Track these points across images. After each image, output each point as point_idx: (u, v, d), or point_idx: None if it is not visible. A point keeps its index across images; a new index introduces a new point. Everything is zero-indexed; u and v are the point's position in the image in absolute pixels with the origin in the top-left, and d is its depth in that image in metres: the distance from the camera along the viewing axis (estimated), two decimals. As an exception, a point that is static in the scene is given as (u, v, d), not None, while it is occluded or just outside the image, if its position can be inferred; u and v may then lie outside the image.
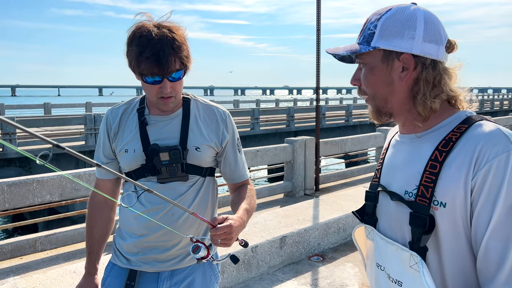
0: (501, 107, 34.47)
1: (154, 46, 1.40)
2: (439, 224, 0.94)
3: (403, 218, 1.01)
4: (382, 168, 1.14)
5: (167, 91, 1.47)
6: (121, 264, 1.62)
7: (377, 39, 1.01)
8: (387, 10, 1.02)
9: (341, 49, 1.07)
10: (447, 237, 0.94)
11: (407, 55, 0.99)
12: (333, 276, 3.95)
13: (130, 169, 1.58)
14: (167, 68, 1.42)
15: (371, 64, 1.04)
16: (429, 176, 0.96)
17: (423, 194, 0.96)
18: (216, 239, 1.33)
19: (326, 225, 4.58)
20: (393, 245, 1.02)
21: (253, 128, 19.03)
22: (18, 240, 4.58)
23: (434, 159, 0.96)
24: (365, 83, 1.07)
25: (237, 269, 3.72)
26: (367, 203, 1.16)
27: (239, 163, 1.71)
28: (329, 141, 8.39)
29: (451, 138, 0.96)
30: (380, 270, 1.08)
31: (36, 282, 3.04)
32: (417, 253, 0.95)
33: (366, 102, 1.10)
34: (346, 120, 23.30)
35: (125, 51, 1.51)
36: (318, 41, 7.42)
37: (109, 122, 1.63)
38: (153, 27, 1.44)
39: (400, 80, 1.01)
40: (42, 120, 15.69)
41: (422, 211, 0.95)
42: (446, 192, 0.93)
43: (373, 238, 1.12)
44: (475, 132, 0.94)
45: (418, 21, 0.98)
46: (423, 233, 0.94)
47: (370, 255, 1.16)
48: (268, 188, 7.31)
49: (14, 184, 4.40)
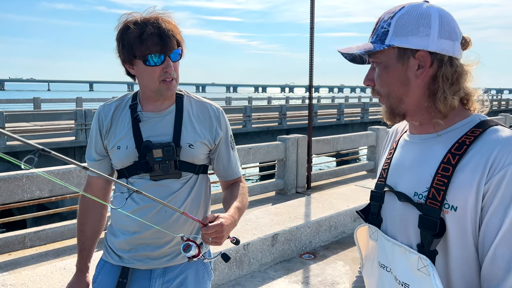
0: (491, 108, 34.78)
1: (152, 25, 1.43)
2: (449, 227, 0.93)
3: (410, 220, 0.99)
4: (389, 168, 1.12)
5: (171, 69, 1.48)
6: (113, 261, 1.60)
7: (392, 37, 0.99)
8: (400, 8, 1.01)
9: (354, 48, 1.05)
10: (456, 241, 0.93)
11: (423, 52, 0.97)
12: (324, 274, 3.97)
13: (122, 166, 1.56)
14: (169, 44, 1.44)
15: (385, 63, 1.02)
16: (441, 179, 0.94)
17: (434, 197, 0.94)
18: (207, 237, 1.33)
19: (317, 223, 4.59)
20: (400, 247, 1.01)
21: (245, 125, 19.01)
22: (6, 236, 4.53)
23: (447, 162, 0.95)
24: (379, 82, 1.04)
25: (229, 266, 3.71)
26: (372, 203, 1.14)
27: (232, 160, 1.70)
28: (321, 140, 8.41)
29: (464, 142, 0.95)
30: (386, 271, 1.06)
31: (25, 278, 3.00)
32: (426, 256, 0.94)
33: (380, 102, 1.08)
34: (338, 118, 23.38)
35: (116, 46, 1.50)
36: (311, 40, 7.43)
37: (101, 119, 1.61)
38: (144, 16, 1.48)
39: (416, 78, 1.00)
40: (31, 115, 15.50)
41: (433, 214, 0.93)
42: (458, 195, 0.92)
43: (377, 238, 1.10)
44: (491, 137, 0.93)
45: (433, 18, 0.97)
46: (434, 236, 0.93)
47: (371, 255, 1.15)
48: (260, 185, 7.31)
49: (3, 180, 4.34)
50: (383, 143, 1.30)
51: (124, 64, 1.53)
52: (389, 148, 1.21)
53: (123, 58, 1.51)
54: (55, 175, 4.60)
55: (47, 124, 14.85)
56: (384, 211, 1.10)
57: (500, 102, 39.12)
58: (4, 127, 12.47)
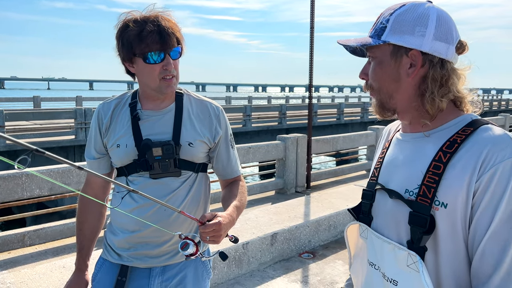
0: (491, 108, 34.85)
1: (152, 23, 1.43)
2: (439, 224, 0.94)
3: (400, 217, 1.00)
4: (381, 166, 1.13)
5: (171, 67, 1.48)
6: (112, 259, 1.60)
7: (388, 34, 1.01)
8: (400, 5, 1.02)
9: (352, 41, 1.07)
10: (446, 238, 0.94)
11: (415, 52, 0.99)
12: (323, 273, 3.97)
13: (122, 164, 1.57)
14: (169, 42, 1.45)
15: (380, 58, 1.04)
16: (431, 177, 0.95)
17: (425, 194, 0.95)
18: (205, 236, 1.33)
19: (317, 223, 4.59)
20: (389, 244, 1.02)
21: (245, 125, 19.01)
22: (6, 235, 4.52)
23: (438, 159, 0.96)
24: (372, 76, 1.06)
25: (228, 265, 3.71)
26: (363, 201, 1.15)
27: (232, 159, 1.70)
28: (321, 139, 8.41)
29: (455, 140, 0.96)
30: (374, 269, 1.07)
31: (24, 277, 3.00)
32: (416, 252, 0.95)
33: (371, 95, 1.09)
34: (338, 118, 23.37)
35: (115, 44, 1.50)
36: (311, 39, 7.42)
37: (100, 117, 1.61)
38: (144, 14, 1.48)
39: (407, 77, 1.01)
40: (31, 114, 15.50)
41: (423, 211, 0.94)
42: (448, 192, 0.93)
43: (367, 236, 1.11)
44: (482, 136, 0.94)
45: (431, 19, 0.98)
46: (423, 233, 0.94)
47: (361, 253, 1.15)
48: (259, 185, 7.31)
49: (2, 178, 4.34)
50: (377, 143, 1.31)
51: (124, 62, 1.53)
52: (381, 147, 1.22)
53: (122, 56, 1.51)
54: (55, 174, 4.60)
55: (47, 122, 14.85)
56: (374, 209, 1.11)
57: (500, 102, 39.12)
58: (4, 125, 12.46)
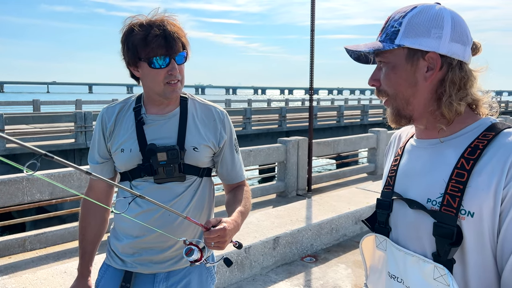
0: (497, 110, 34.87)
1: (157, 28, 1.42)
2: (466, 234, 0.90)
3: (423, 228, 0.97)
4: (396, 175, 1.09)
5: (176, 72, 1.47)
6: (116, 265, 1.59)
7: (402, 37, 0.97)
8: (412, 8, 0.99)
9: (362, 46, 1.02)
10: (473, 248, 0.91)
11: (433, 54, 0.95)
12: (326, 277, 3.95)
13: (126, 169, 1.55)
14: (174, 47, 1.44)
15: (393, 63, 0.99)
16: (455, 185, 0.91)
17: (449, 204, 0.91)
18: (209, 242, 1.31)
19: (319, 226, 4.57)
20: (413, 256, 0.98)
21: (245, 127, 18.99)
22: (6, 239, 4.50)
23: (461, 167, 0.92)
24: (386, 82, 1.02)
25: (230, 269, 3.69)
26: (379, 212, 1.10)
27: (236, 163, 1.68)
28: (322, 142, 8.41)
29: (477, 146, 0.93)
30: (397, 282, 1.03)
31: (26, 282, 2.98)
32: (444, 265, 0.91)
33: (385, 104, 1.05)
34: (338, 121, 23.37)
35: (120, 48, 1.49)
36: (312, 42, 7.42)
37: (104, 121, 1.60)
38: (149, 18, 1.46)
39: (425, 81, 0.98)
40: (31, 117, 15.46)
41: (448, 221, 0.91)
42: (475, 201, 0.89)
43: (386, 248, 1.07)
44: (505, 141, 0.91)
45: (445, 20, 0.95)
46: (451, 245, 0.90)
47: (379, 265, 1.11)
48: (260, 188, 7.30)
49: (3, 182, 4.32)
50: (385, 150, 1.27)
51: (129, 66, 1.52)
52: (393, 154, 1.17)
53: (127, 60, 1.49)
54: (56, 178, 4.58)
55: (46, 126, 14.82)
56: (393, 219, 1.07)
57: (500, 104, 39.18)
58: (3, 129, 12.43)
